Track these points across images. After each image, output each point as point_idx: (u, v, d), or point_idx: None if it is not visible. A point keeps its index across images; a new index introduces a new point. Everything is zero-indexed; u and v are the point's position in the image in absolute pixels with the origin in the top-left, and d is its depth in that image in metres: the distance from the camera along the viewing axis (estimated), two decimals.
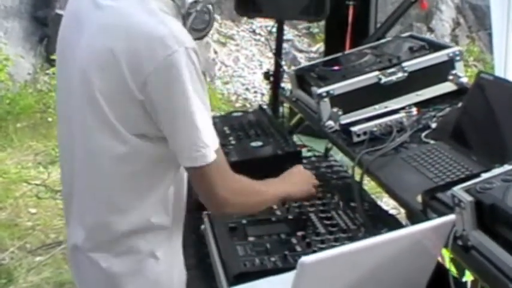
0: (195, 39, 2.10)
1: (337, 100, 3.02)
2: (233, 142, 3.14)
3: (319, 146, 3.57)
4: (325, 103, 3.01)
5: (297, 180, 2.65)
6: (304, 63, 10.34)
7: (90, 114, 2.09)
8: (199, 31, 2.19)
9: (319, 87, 3.05)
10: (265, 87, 9.65)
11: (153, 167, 2.17)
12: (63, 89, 2.27)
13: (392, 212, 3.21)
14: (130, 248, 2.21)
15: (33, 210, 6.45)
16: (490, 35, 11.15)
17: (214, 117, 3.57)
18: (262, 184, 2.44)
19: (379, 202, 3.14)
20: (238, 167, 2.44)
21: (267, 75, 4.30)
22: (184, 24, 2.13)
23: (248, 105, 9.70)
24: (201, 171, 2.09)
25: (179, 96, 1.98)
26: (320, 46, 10.43)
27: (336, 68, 3.31)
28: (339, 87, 3.03)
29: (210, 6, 2.19)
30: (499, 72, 5.28)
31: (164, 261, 2.27)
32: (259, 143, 3.09)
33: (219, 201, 2.18)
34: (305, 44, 11.07)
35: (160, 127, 2.06)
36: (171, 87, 1.97)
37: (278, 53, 4.28)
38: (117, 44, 1.98)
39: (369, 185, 2.76)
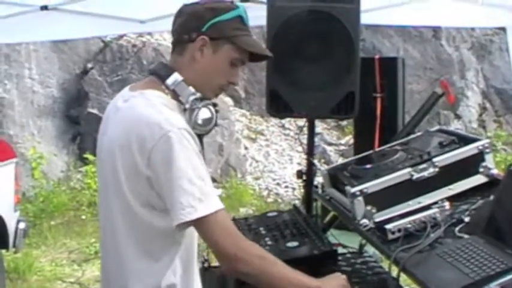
0: (201, 134, 2.62)
1: (370, 198, 3.04)
2: (269, 243, 3.18)
3: (354, 239, 3.59)
4: (359, 202, 3.04)
5: (332, 283, 2.69)
6: (333, 155, 10.40)
7: (114, 192, 2.55)
8: (203, 126, 2.62)
9: (353, 186, 3.09)
10: (296, 181, 9.67)
11: (162, 236, 2.53)
12: (99, 182, 2.79)
13: None
14: None
15: None
16: None
17: (249, 218, 3.64)
18: (290, 268, 2.58)
19: None
20: None
21: (299, 173, 4.33)
22: (190, 118, 2.57)
23: (280, 200, 9.72)
24: (198, 227, 2.47)
25: (172, 166, 2.39)
26: (349, 138, 10.49)
27: (368, 166, 3.35)
28: (372, 185, 3.06)
29: (211, 107, 2.62)
30: None
31: None
32: (295, 243, 3.11)
33: (224, 255, 2.47)
34: (334, 137, 11.13)
35: (163, 197, 2.45)
36: (166, 160, 2.40)
37: (310, 152, 4.33)
38: (130, 131, 2.48)
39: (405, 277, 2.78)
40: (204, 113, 2.59)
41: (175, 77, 2.59)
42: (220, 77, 2.66)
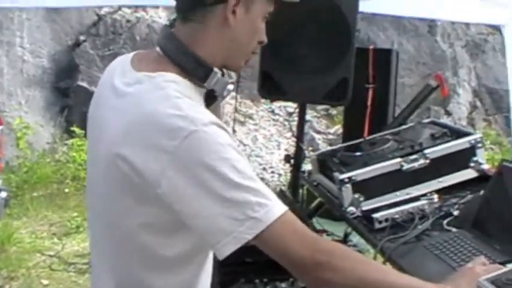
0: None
1: (359, 186, 3.02)
2: None
3: (338, 228, 3.57)
4: (347, 189, 3.01)
5: (463, 281, 2.07)
6: (321, 144, 10.38)
7: (106, 210, 2.05)
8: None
9: (342, 172, 3.06)
10: (282, 167, 9.65)
11: (167, 264, 2.05)
12: (92, 170, 2.20)
13: None
14: None
15: (45, 282, 6.42)
16: (506, 118, 11.21)
17: None
18: (395, 271, 2.09)
19: None
20: None
21: (287, 158, 4.30)
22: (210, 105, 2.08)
23: None
24: (262, 240, 1.85)
25: (207, 176, 1.81)
26: (338, 128, 10.47)
27: (358, 153, 3.33)
28: (361, 173, 3.04)
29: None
30: None
31: None
32: None
33: (302, 264, 1.87)
34: (323, 126, 11.10)
35: (186, 217, 1.88)
36: (195, 168, 1.82)
37: (299, 136, 4.30)
38: (137, 134, 1.89)
39: None
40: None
41: (216, 77, 2.03)
42: (254, 40, 2.12)
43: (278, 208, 1.86)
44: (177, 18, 2.10)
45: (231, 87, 2.08)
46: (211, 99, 2.10)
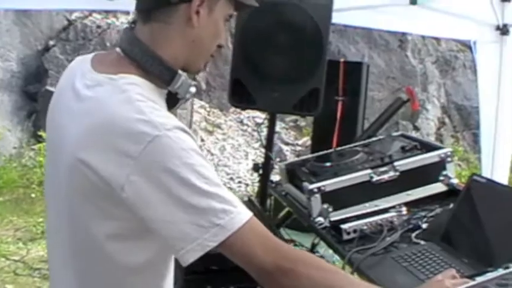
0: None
1: (328, 196, 3.00)
2: None
3: (306, 240, 3.55)
4: (316, 199, 2.99)
5: None
6: (289, 155, 10.38)
7: (66, 217, 1.99)
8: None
9: (311, 183, 3.05)
10: (250, 178, 9.65)
11: (135, 271, 2.01)
12: (53, 174, 2.10)
13: None
14: None
15: (9, 287, 6.37)
16: (474, 134, 11.29)
17: None
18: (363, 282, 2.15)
19: None
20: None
21: (256, 167, 4.26)
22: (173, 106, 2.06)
23: None
24: (227, 250, 1.83)
25: (171, 182, 1.77)
26: (307, 140, 10.47)
27: (327, 164, 3.32)
28: (331, 183, 3.02)
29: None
30: (485, 173, 5.31)
31: None
32: None
33: (266, 271, 1.84)
34: (291, 137, 11.11)
35: (152, 223, 1.83)
36: (158, 175, 1.77)
37: (269, 146, 4.28)
38: (99, 139, 1.84)
39: None
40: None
41: (180, 80, 2.00)
42: (215, 42, 2.07)
43: (243, 215, 1.83)
44: (137, 19, 2.04)
45: (193, 89, 2.04)
46: (173, 101, 2.06)
